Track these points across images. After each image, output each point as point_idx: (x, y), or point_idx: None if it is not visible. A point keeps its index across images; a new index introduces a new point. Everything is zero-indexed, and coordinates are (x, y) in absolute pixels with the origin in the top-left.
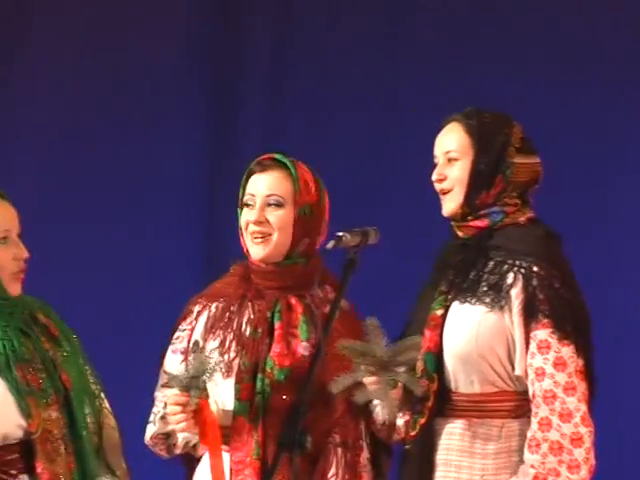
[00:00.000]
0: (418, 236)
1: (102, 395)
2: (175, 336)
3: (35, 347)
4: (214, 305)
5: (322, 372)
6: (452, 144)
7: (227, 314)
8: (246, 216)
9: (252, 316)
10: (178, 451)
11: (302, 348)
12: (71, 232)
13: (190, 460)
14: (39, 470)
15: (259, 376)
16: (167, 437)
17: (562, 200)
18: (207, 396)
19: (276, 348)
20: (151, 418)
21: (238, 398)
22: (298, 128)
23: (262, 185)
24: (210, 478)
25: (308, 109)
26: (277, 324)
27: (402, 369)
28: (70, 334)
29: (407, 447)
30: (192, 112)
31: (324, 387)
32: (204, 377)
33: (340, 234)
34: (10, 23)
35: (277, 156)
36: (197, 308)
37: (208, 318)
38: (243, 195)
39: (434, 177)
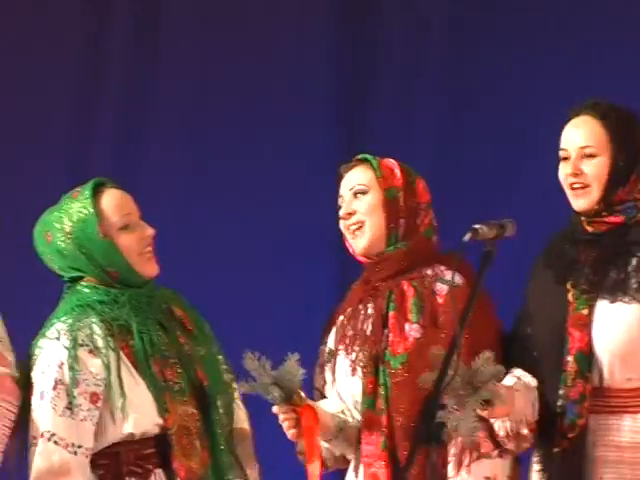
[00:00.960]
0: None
1: (234, 385)
2: (320, 350)
3: (172, 341)
4: (345, 312)
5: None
6: (589, 139)
7: (351, 318)
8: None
9: (372, 313)
10: (329, 463)
11: (413, 331)
12: (207, 232)
13: None
14: (175, 465)
15: (381, 368)
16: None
17: None
18: (302, 401)
19: (391, 337)
20: None
21: (364, 393)
22: (428, 126)
23: (346, 183)
24: None
25: (437, 108)
26: (391, 313)
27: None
28: (204, 325)
29: (557, 450)
30: (323, 114)
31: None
32: (287, 385)
33: (476, 226)
34: (144, 30)
35: (360, 156)
36: (331, 320)
37: (337, 327)
38: None
39: (569, 171)
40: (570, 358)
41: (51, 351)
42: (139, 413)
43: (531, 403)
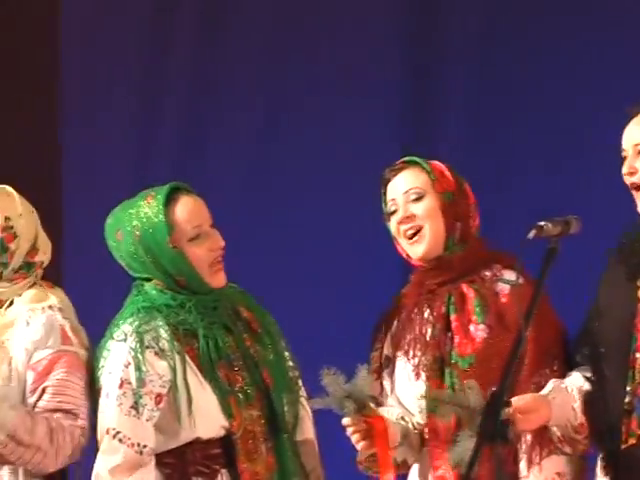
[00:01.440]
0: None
1: (299, 383)
2: (370, 356)
3: (237, 344)
4: (396, 319)
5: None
6: None
7: (407, 323)
8: (394, 222)
9: (430, 317)
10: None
11: (480, 331)
12: (270, 228)
13: None
14: (240, 469)
15: (447, 370)
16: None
17: None
18: (373, 412)
19: (456, 339)
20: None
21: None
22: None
23: (399, 186)
24: None
25: (501, 108)
26: (453, 316)
27: None
28: (270, 323)
29: (625, 446)
30: (390, 114)
31: (519, 377)
32: (359, 397)
33: (541, 223)
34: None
35: (406, 158)
36: (384, 326)
37: (392, 333)
38: (386, 206)
39: (624, 170)
40: (638, 355)
41: (118, 352)
42: (205, 417)
43: (571, 407)
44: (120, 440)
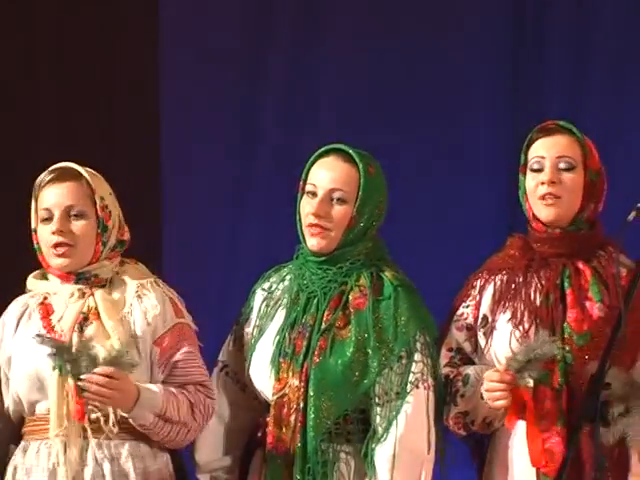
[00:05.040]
0: None
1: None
2: (459, 313)
3: (316, 316)
4: (498, 278)
5: (621, 342)
6: None
7: (513, 286)
8: (534, 180)
9: (540, 285)
10: (475, 428)
11: (597, 309)
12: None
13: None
14: (267, 431)
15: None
16: (465, 415)
17: None
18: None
19: (571, 314)
20: (447, 399)
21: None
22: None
23: (551, 147)
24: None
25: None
26: (568, 290)
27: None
28: (375, 319)
29: None
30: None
31: (622, 357)
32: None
33: None
34: None
35: (561, 123)
36: (479, 283)
37: (494, 291)
38: (526, 160)
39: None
40: None
41: None
42: (259, 370)
43: None
44: (227, 373)
